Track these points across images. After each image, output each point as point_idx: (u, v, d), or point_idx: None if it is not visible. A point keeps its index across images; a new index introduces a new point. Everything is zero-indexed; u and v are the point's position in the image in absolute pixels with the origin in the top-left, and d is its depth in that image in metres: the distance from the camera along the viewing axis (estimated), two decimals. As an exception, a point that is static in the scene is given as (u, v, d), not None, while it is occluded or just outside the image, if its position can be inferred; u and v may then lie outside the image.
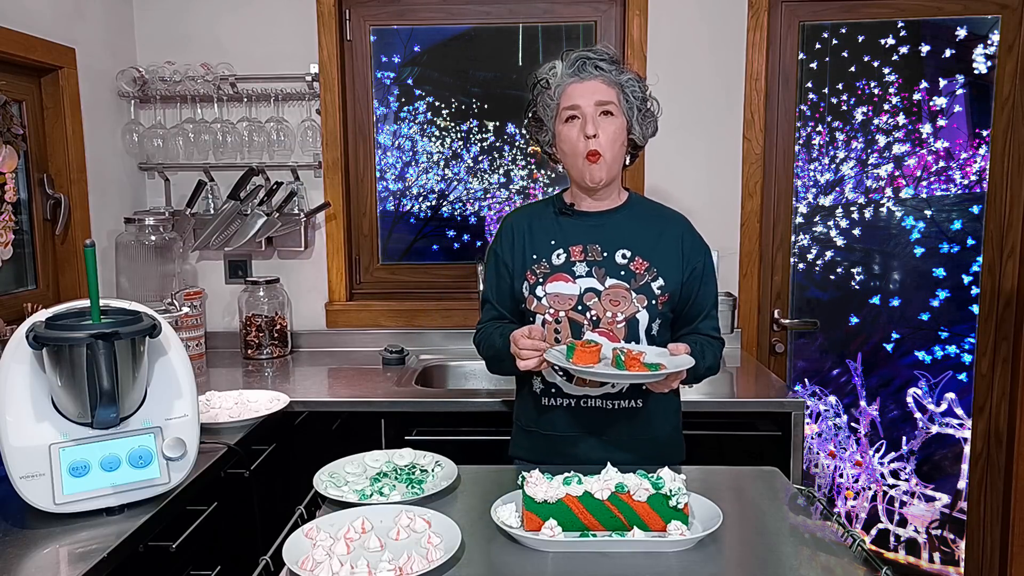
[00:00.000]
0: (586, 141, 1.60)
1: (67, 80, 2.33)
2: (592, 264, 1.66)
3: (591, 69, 1.61)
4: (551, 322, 1.65)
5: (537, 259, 1.69)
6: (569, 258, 1.67)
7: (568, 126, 1.63)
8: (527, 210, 1.79)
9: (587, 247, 1.67)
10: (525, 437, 1.76)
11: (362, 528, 1.29)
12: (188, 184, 2.72)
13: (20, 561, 1.25)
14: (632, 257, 1.66)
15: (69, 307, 1.43)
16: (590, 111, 1.60)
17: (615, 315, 1.63)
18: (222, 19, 2.72)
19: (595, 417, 1.67)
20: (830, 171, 2.76)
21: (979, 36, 2.64)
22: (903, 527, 2.82)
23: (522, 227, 1.74)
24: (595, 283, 1.64)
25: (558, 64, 1.65)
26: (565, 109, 1.63)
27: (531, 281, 1.68)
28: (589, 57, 1.62)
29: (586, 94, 1.61)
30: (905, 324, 2.78)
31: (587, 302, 1.64)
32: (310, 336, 2.83)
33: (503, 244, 1.75)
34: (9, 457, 1.35)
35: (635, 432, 1.68)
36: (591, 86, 1.61)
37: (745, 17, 2.65)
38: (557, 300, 1.65)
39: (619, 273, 1.65)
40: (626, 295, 1.63)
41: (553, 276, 1.66)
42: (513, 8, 2.75)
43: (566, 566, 1.20)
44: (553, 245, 1.69)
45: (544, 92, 1.65)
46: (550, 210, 1.75)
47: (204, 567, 1.69)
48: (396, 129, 2.85)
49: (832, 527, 1.34)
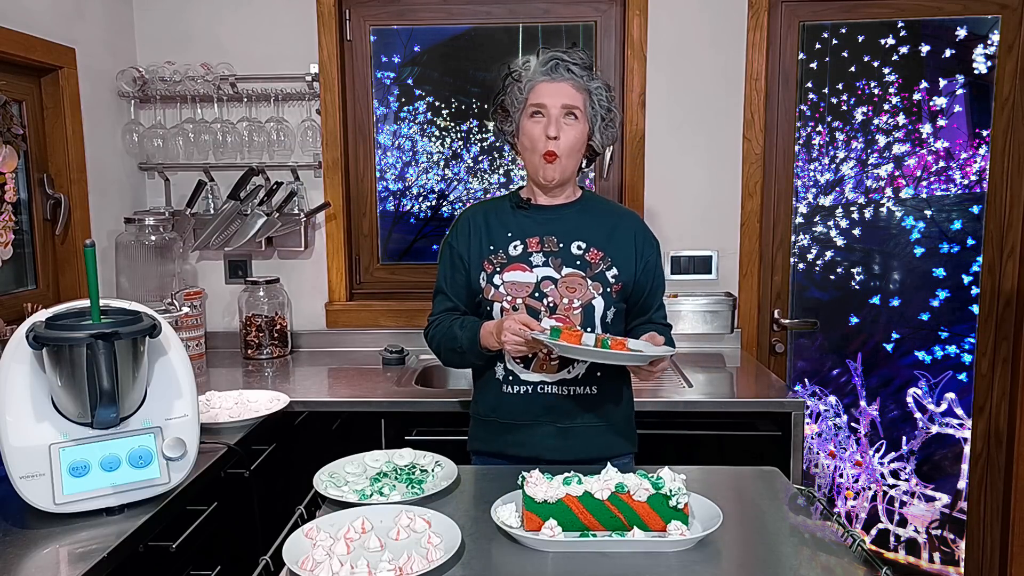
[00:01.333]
0: (546, 141, 1.64)
1: (67, 80, 2.33)
2: (549, 254, 1.70)
3: (563, 71, 1.65)
4: (508, 309, 1.68)
5: (494, 250, 1.73)
6: (526, 249, 1.71)
7: (532, 122, 1.67)
8: (484, 205, 1.83)
9: (543, 238, 1.71)
10: (482, 428, 1.78)
11: (362, 528, 1.29)
12: (188, 184, 2.72)
13: (20, 561, 1.25)
14: (587, 248, 1.71)
15: (69, 307, 1.43)
16: (555, 112, 1.64)
17: (571, 301, 1.67)
18: (222, 19, 2.72)
19: (551, 403, 1.69)
20: (830, 171, 2.76)
21: (979, 36, 2.64)
22: (903, 527, 2.82)
23: (479, 220, 1.77)
24: (552, 272, 1.69)
25: (532, 60, 1.69)
26: (532, 105, 1.66)
27: (488, 271, 1.72)
28: (562, 59, 1.65)
29: (554, 95, 1.64)
30: (905, 324, 2.78)
31: (544, 289, 1.68)
32: (310, 336, 2.83)
33: (459, 237, 1.78)
34: (9, 457, 1.35)
35: (588, 419, 1.71)
36: (560, 88, 1.65)
37: (745, 17, 2.65)
38: (514, 288, 1.69)
39: (575, 263, 1.69)
40: (582, 282, 1.68)
41: (510, 266, 1.70)
42: (513, 8, 2.75)
43: (566, 566, 1.20)
44: (510, 237, 1.73)
45: (515, 84, 1.69)
46: (507, 205, 1.79)
47: (204, 567, 1.69)
48: (396, 129, 2.85)
49: (832, 527, 1.34)
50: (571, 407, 1.70)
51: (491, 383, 1.75)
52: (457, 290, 1.78)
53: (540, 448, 1.69)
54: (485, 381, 1.77)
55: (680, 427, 2.12)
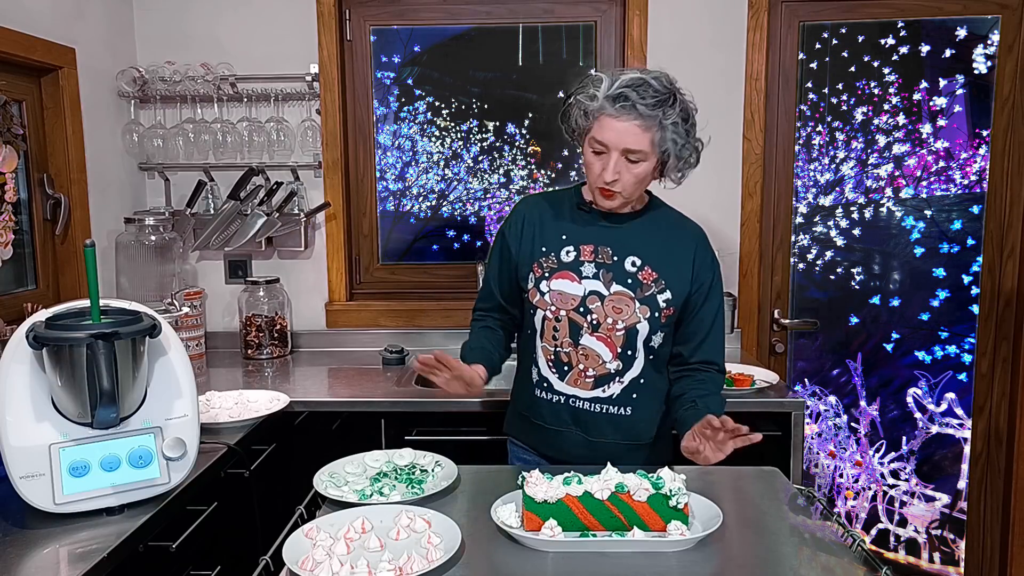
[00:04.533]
0: (604, 179, 1.55)
1: (67, 80, 2.33)
2: (601, 266, 1.63)
3: (631, 109, 1.49)
4: (551, 319, 1.64)
5: (546, 252, 1.66)
6: (579, 256, 1.64)
7: (592, 154, 1.57)
8: (543, 198, 1.75)
9: (598, 248, 1.64)
10: (517, 418, 1.78)
11: (362, 528, 1.29)
12: (188, 184, 2.72)
13: (20, 561, 1.25)
14: (642, 266, 1.63)
15: (69, 307, 1.43)
16: (615, 155, 1.53)
17: (616, 322, 1.61)
18: (222, 19, 2.72)
19: (582, 417, 1.67)
20: (830, 171, 2.76)
21: (979, 36, 2.64)
22: (903, 527, 2.82)
23: (534, 215, 1.70)
24: (600, 286, 1.62)
25: (603, 82, 1.52)
26: (594, 138, 1.55)
27: (537, 274, 1.66)
28: (629, 97, 1.48)
29: (617, 136, 1.51)
30: (905, 324, 2.78)
31: (590, 305, 1.62)
32: (310, 336, 2.83)
33: (512, 229, 1.72)
34: (9, 457, 1.35)
35: (620, 436, 1.68)
36: (625, 128, 1.51)
37: (745, 17, 2.65)
38: (560, 298, 1.63)
39: (626, 280, 1.62)
40: (630, 304, 1.61)
41: (560, 272, 1.64)
42: (513, 8, 2.75)
43: (566, 566, 1.20)
44: (564, 240, 1.66)
45: (580, 106, 1.56)
46: (567, 202, 1.71)
47: (204, 567, 1.69)
48: (396, 129, 2.85)
49: (832, 527, 1.34)
50: (603, 424, 1.67)
51: (527, 383, 1.73)
52: (502, 282, 1.75)
53: (569, 455, 1.67)
54: (523, 377, 1.75)
55: (680, 427, 2.12)
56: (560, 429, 1.68)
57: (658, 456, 1.70)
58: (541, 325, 1.66)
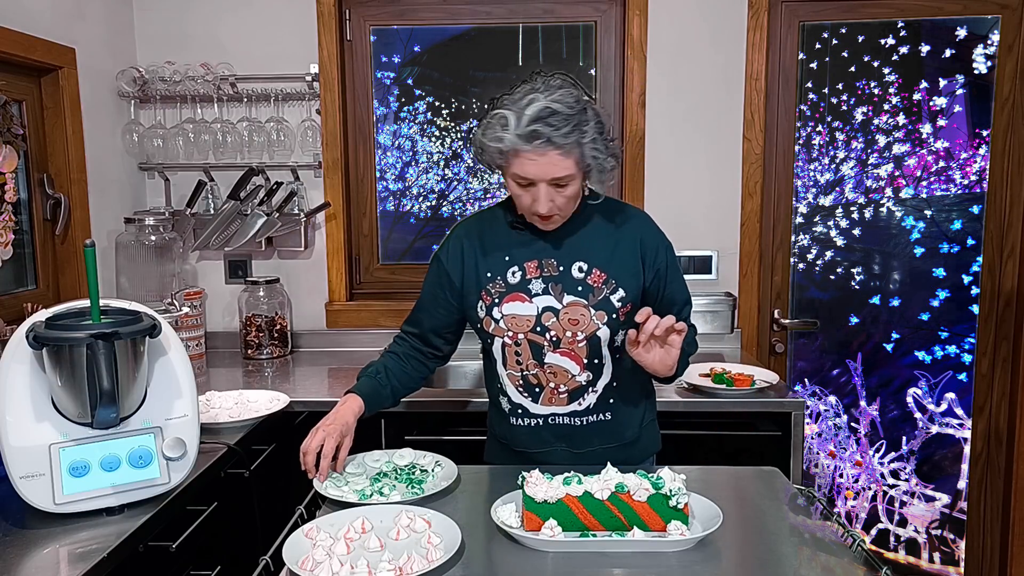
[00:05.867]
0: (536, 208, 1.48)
1: (67, 80, 2.33)
2: (548, 280, 1.57)
3: (547, 143, 1.40)
4: (511, 344, 1.59)
5: (491, 277, 1.60)
6: (524, 275, 1.58)
7: (518, 187, 1.48)
8: (476, 221, 1.68)
9: (542, 262, 1.58)
10: (497, 445, 1.73)
11: (362, 528, 1.29)
12: (188, 184, 2.72)
13: (20, 561, 1.25)
14: (589, 270, 1.57)
15: (69, 307, 1.43)
16: (543, 187, 1.45)
17: (575, 335, 1.56)
18: (222, 19, 2.72)
19: (564, 432, 1.64)
20: (830, 171, 2.76)
21: (979, 36, 2.64)
22: (903, 527, 2.82)
23: (473, 241, 1.63)
24: (552, 301, 1.56)
25: (510, 121, 1.41)
26: (516, 174, 1.46)
27: (487, 301, 1.60)
28: (541, 132, 1.39)
29: (540, 169, 1.43)
30: (905, 324, 2.78)
31: (546, 322, 1.56)
32: (310, 336, 2.83)
33: (450, 257, 1.65)
34: (9, 457, 1.35)
35: (604, 440, 1.65)
36: (546, 160, 1.42)
37: (745, 17, 2.65)
38: (515, 322, 1.57)
39: (576, 288, 1.56)
40: (585, 312, 1.56)
41: (509, 296, 1.58)
42: (513, 8, 2.75)
43: (566, 566, 1.20)
44: (508, 261, 1.60)
45: (491, 147, 1.45)
46: (501, 221, 1.63)
47: (204, 567, 1.69)
48: (396, 129, 2.85)
49: (832, 527, 1.34)
50: (587, 434, 1.64)
51: (500, 413, 1.68)
52: (435, 311, 1.68)
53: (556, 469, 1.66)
54: (494, 407, 1.71)
55: (680, 427, 2.12)
56: (544, 450, 1.65)
57: (643, 450, 1.70)
58: (502, 352, 1.61)
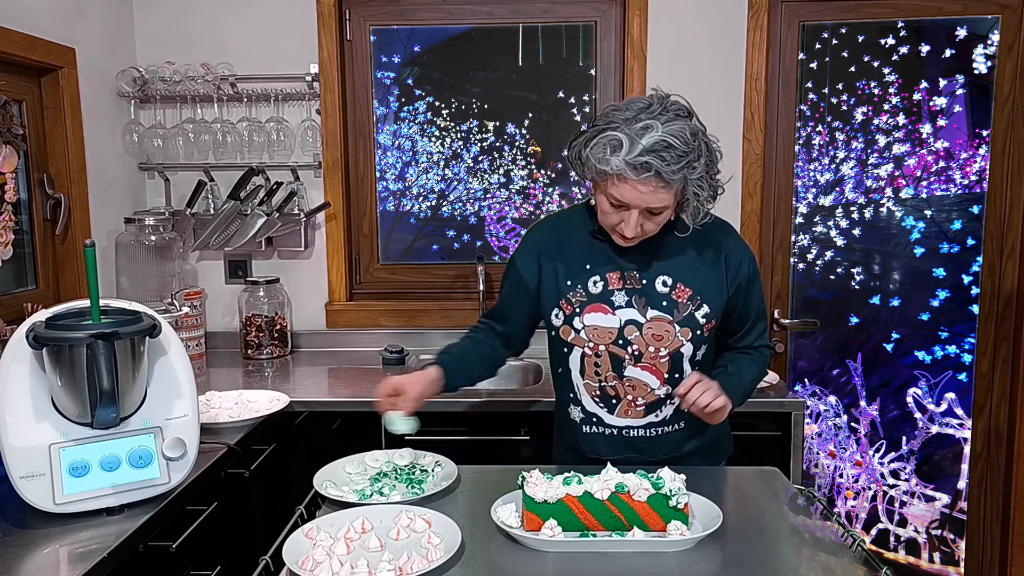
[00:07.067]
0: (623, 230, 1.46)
1: (67, 80, 2.33)
2: (632, 293, 1.54)
3: (654, 176, 1.37)
4: (591, 355, 1.56)
5: (572, 286, 1.56)
6: (607, 286, 1.55)
7: (608, 206, 1.45)
8: (553, 226, 1.63)
9: (625, 273, 1.55)
10: (569, 451, 1.70)
11: (362, 528, 1.29)
12: (188, 184, 2.72)
13: (20, 561, 1.25)
14: (673, 284, 1.54)
15: (69, 307, 1.43)
16: (635, 213, 1.42)
17: (658, 350, 1.53)
18: (222, 19, 2.72)
19: (638, 444, 1.62)
20: (830, 171, 2.76)
21: (979, 36, 2.64)
22: (903, 527, 2.82)
23: (550, 246, 1.60)
24: (636, 314, 1.53)
25: (623, 146, 1.36)
26: (611, 194, 1.42)
27: (567, 311, 1.56)
28: (652, 164, 1.35)
29: (639, 197, 1.40)
30: (905, 324, 2.78)
31: (628, 336, 1.53)
32: (310, 336, 2.83)
33: (525, 261, 1.62)
34: (9, 457, 1.35)
35: (679, 448, 1.64)
36: (648, 190, 1.39)
37: (745, 17, 2.65)
38: (596, 333, 1.55)
39: (661, 304, 1.53)
40: (669, 328, 1.53)
41: (590, 306, 1.55)
42: (513, 8, 2.75)
43: (566, 566, 1.20)
44: (589, 270, 1.56)
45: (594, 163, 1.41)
46: (580, 227, 1.60)
47: (204, 567, 1.69)
48: (396, 129, 2.85)
49: (832, 527, 1.34)
50: (660, 444, 1.62)
51: (571, 422, 1.65)
52: (514, 313, 1.67)
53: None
54: (565, 416, 1.67)
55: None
56: (615, 457, 1.59)
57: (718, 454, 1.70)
58: (580, 363, 1.58)
